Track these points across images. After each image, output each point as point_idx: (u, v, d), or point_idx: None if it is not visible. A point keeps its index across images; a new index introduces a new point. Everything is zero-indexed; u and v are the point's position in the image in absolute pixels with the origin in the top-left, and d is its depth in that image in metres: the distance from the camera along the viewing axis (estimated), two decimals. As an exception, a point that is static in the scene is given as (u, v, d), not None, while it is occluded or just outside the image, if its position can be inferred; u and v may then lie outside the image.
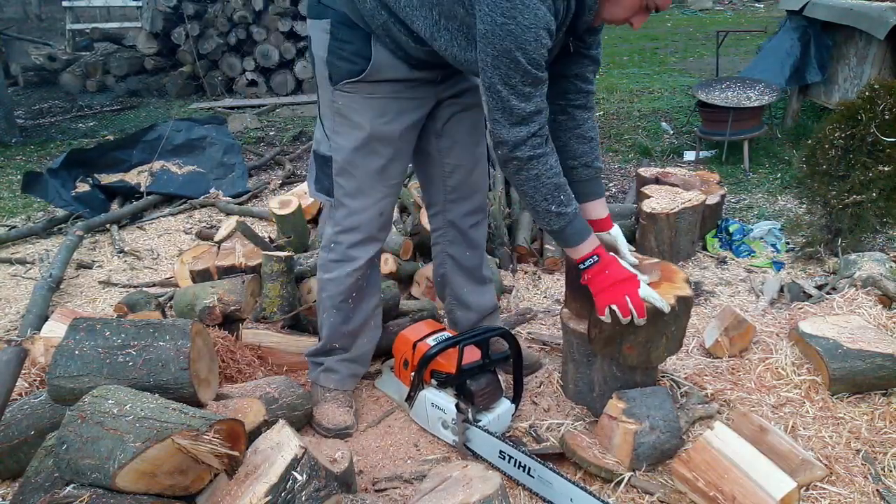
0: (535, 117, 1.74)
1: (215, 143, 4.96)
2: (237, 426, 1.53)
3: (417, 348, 2.11)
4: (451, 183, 2.20)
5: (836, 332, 2.20)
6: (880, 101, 2.95)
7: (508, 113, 1.72)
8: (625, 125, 5.95)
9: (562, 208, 1.81)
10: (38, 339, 2.34)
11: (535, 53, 1.65)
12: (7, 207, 4.53)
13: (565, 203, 1.82)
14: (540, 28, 1.63)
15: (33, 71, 8.96)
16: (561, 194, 1.81)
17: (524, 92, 1.70)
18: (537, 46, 1.64)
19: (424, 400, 2.08)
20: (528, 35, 1.62)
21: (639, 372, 2.07)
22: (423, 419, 2.12)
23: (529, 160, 1.76)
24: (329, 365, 2.22)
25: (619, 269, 1.87)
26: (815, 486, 1.83)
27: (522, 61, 1.65)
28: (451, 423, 2.01)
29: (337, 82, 1.93)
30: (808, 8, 4.93)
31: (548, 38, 1.66)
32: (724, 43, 6.22)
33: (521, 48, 1.63)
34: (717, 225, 3.54)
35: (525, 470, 1.84)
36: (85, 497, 1.40)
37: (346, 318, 2.16)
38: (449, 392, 2.04)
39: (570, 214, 1.83)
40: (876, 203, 2.99)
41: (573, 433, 2.02)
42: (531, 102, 1.72)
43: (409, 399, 2.14)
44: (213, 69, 7.86)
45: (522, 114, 1.72)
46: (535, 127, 1.74)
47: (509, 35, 1.62)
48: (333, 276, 2.12)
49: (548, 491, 1.79)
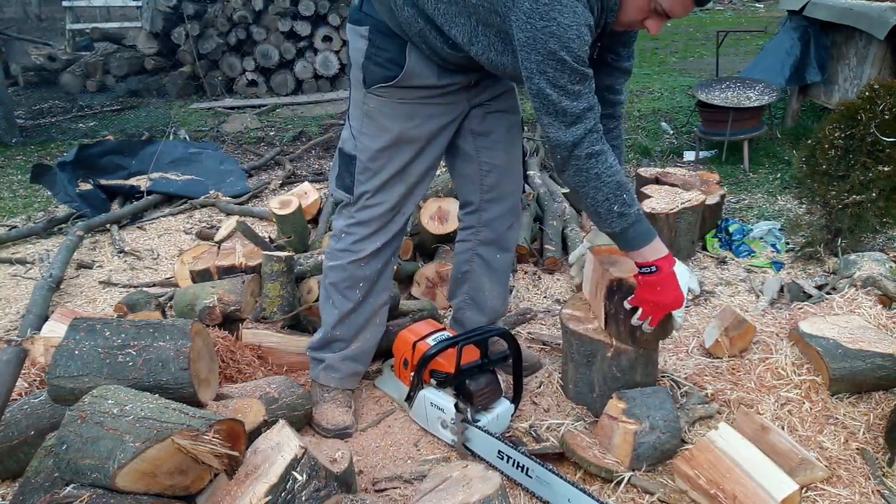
0: (588, 114, 1.73)
1: (211, 157, 5.09)
2: (237, 426, 1.53)
3: (417, 348, 2.11)
4: (487, 182, 2.20)
5: (836, 332, 2.20)
6: (880, 101, 2.94)
7: (562, 115, 1.71)
8: (625, 125, 5.95)
9: (625, 208, 1.78)
10: (38, 339, 2.34)
11: (580, 51, 1.65)
12: (7, 207, 4.53)
13: (628, 203, 1.78)
14: (581, 25, 1.63)
15: (33, 71, 8.95)
16: (624, 193, 1.78)
17: (574, 91, 1.69)
18: (581, 43, 1.64)
19: (424, 399, 2.08)
20: (570, 33, 1.62)
21: (639, 372, 2.07)
22: (423, 419, 2.12)
23: (588, 158, 1.74)
24: (330, 362, 2.22)
25: (672, 290, 1.83)
26: (815, 486, 1.83)
27: (568, 60, 1.64)
28: (450, 422, 2.01)
29: (370, 86, 1.96)
30: (808, 8, 4.93)
31: (588, 35, 1.66)
32: (724, 43, 6.22)
33: (565, 47, 1.63)
34: (717, 225, 3.54)
35: (524, 470, 1.84)
36: (85, 497, 1.40)
37: (351, 308, 2.16)
38: (448, 392, 2.04)
39: (633, 215, 1.79)
40: (876, 203, 2.99)
41: (573, 433, 2.02)
42: (582, 100, 1.71)
43: (408, 399, 2.14)
44: (213, 69, 7.86)
45: (576, 112, 1.71)
46: (590, 123, 1.73)
47: (552, 37, 1.62)
48: (336, 263, 2.14)
49: (546, 491, 1.80)
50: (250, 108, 7.17)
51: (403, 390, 2.18)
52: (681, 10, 1.68)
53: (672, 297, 1.84)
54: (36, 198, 4.70)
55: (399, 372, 2.23)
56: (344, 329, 2.19)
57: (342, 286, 2.15)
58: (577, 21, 1.62)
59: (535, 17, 1.61)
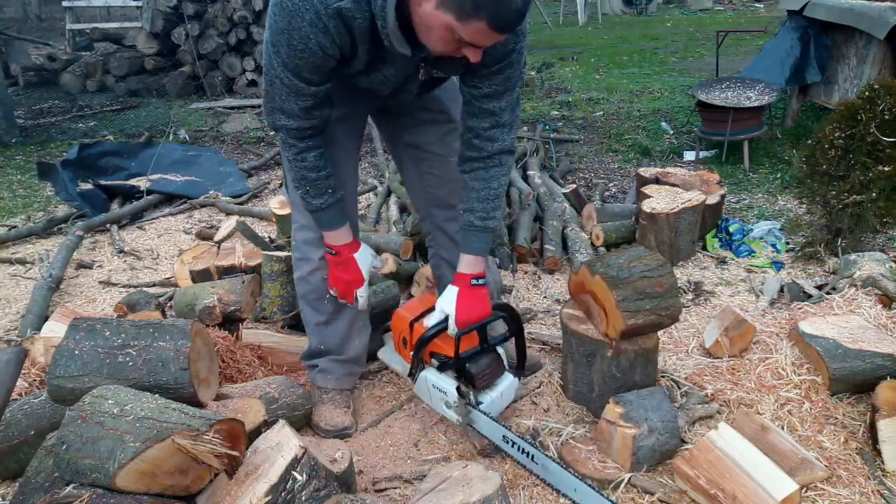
0: (293, 118, 1.77)
1: (211, 158, 5.14)
2: (237, 426, 1.53)
3: (415, 329, 2.04)
4: (430, 191, 2.20)
5: (836, 332, 2.20)
6: (880, 101, 2.94)
7: (270, 97, 1.76)
8: (625, 125, 5.95)
9: (308, 198, 1.92)
10: (38, 339, 2.34)
11: (289, 59, 1.64)
12: (7, 207, 4.53)
13: (311, 195, 1.91)
14: (294, 38, 1.60)
15: (33, 71, 8.96)
16: (308, 186, 1.89)
17: (282, 89, 1.71)
18: (291, 53, 1.63)
19: (425, 380, 2.04)
20: (280, 38, 1.62)
21: (638, 372, 2.07)
22: (427, 397, 2.08)
23: (284, 143, 1.84)
24: (324, 366, 2.22)
25: (348, 269, 2.02)
26: (814, 486, 1.83)
27: (277, 60, 1.66)
28: (453, 403, 1.98)
29: None
30: (808, 8, 4.94)
31: (310, 54, 1.62)
32: (724, 43, 6.23)
33: (275, 46, 1.64)
34: (717, 225, 3.54)
35: (528, 456, 1.85)
36: (85, 497, 1.40)
37: (327, 320, 2.16)
38: (449, 375, 2.00)
39: (314, 205, 1.92)
40: (876, 203, 2.99)
41: (571, 447, 2.00)
42: (288, 102, 1.74)
43: (411, 375, 2.09)
44: (213, 69, 7.86)
45: (280, 105, 1.75)
46: (291, 124, 1.78)
47: (270, 28, 1.64)
48: (299, 274, 2.15)
49: (553, 478, 1.80)
50: (250, 108, 7.17)
51: (406, 364, 2.14)
52: (483, 39, 1.54)
53: (352, 276, 2.03)
54: (35, 198, 4.71)
55: (399, 349, 2.18)
56: (327, 339, 2.19)
57: (310, 298, 2.15)
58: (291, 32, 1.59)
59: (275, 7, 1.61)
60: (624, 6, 15.68)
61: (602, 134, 5.79)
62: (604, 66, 8.96)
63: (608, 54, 9.80)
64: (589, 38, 11.84)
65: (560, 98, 7.17)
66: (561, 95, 7.32)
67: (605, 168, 4.98)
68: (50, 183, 4.71)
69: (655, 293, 2.01)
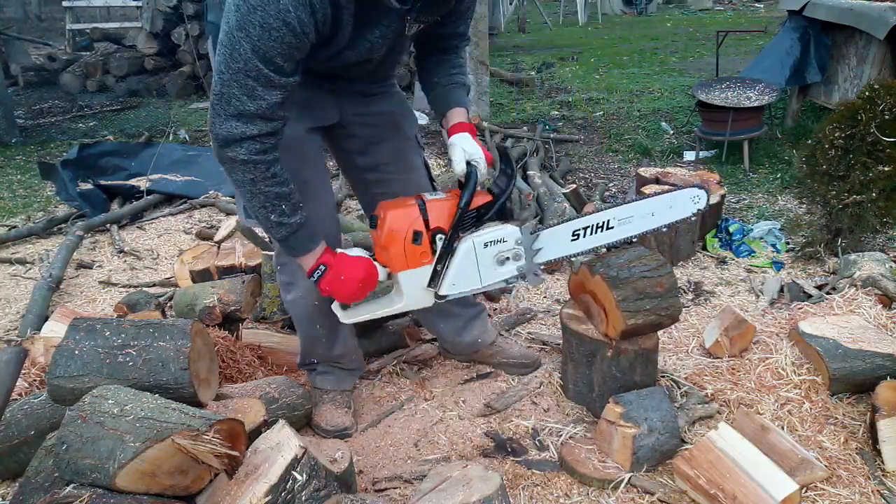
0: (256, 121, 1.56)
1: (210, 159, 5.09)
2: (237, 426, 1.53)
3: (432, 206, 1.83)
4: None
5: (836, 332, 2.20)
6: (880, 101, 2.94)
7: (226, 101, 1.53)
8: (625, 125, 5.95)
9: (283, 218, 1.70)
10: (38, 339, 2.35)
11: (262, 43, 1.46)
12: (7, 207, 4.53)
13: (287, 214, 1.70)
14: (271, 15, 1.44)
15: (33, 71, 8.96)
16: (282, 203, 1.68)
17: (246, 84, 1.51)
18: (263, 35, 1.45)
19: (471, 251, 1.86)
20: (252, 17, 1.44)
21: (638, 372, 2.07)
22: (469, 280, 1.90)
23: (244, 164, 1.60)
24: (323, 367, 2.23)
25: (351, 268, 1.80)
26: (814, 486, 1.83)
27: (245, 46, 1.47)
28: (513, 249, 1.88)
29: None
30: (808, 8, 4.94)
31: (286, 33, 1.47)
32: (724, 43, 6.23)
33: (244, 30, 1.45)
34: (717, 225, 3.54)
35: (603, 227, 1.93)
36: (85, 497, 1.40)
37: (321, 340, 2.15)
38: (493, 223, 1.89)
39: (292, 225, 1.71)
40: (876, 203, 2.99)
41: (570, 447, 2.00)
42: (253, 101, 1.53)
43: (437, 276, 1.87)
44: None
45: (241, 108, 1.54)
46: (254, 130, 1.57)
47: (237, 11, 1.45)
48: (291, 298, 2.09)
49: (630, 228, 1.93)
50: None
51: (416, 281, 1.88)
52: None
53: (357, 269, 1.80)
54: (35, 198, 4.71)
55: (408, 255, 1.84)
56: (324, 353, 2.19)
57: (303, 321, 2.12)
58: (267, 9, 1.43)
59: None
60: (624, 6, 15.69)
61: (602, 134, 5.79)
62: (604, 66, 8.96)
63: (608, 54, 9.81)
64: (589, 38, 11.84)
65: (560, 98, 7.17)
66: (561, 95, 7.32)
67: (605, 168, 4.98)
68: (53, 183, 4.71)
69: (655, 293, 2.01)
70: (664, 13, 15.34)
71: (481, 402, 2.28)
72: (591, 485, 1.89)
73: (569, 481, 1.91)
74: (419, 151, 2.16)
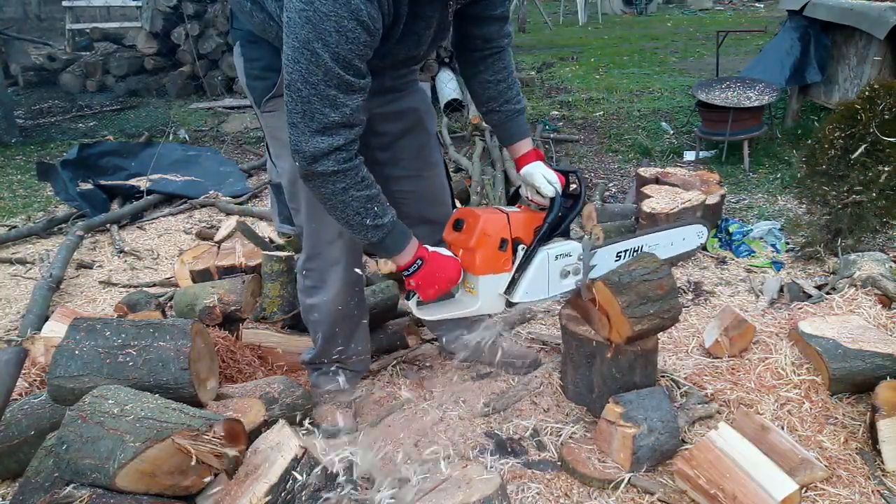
0: (341, 130, 1.55)
1: (211, 158, 5.13)
2: (237, 426, 1.54)
3: (516, 220, 1.95)
4: (405, 209, 2.11)
5: (836, 332, 2.20)
6: (880, 101, 2.94)
7: (309, 118, 1.52)
8: (625, 125, 5.95)
9: (377, 220, 1.69)
10: (38, 339, 2.35)
11: (340, 48, 1.45)
12: (7, 207, 4.53)
13: (380, 214, 1.69)
14: (346, 17, 1.42)
15: (33, 71, 8.96)
16: (374, 205, 1.67)
17: (328, 95, 1.50)
18: (341, 40, 1.44)
19: (545, 261, 1.97)
20: (327, 24, 1.43)
21: (638, 372, 2.07)
22: (539, 289, 2.00)
23: (334, 174, 1.59)
24: (327, 368, 2.23)
25: (445, 266, 1.85)
26: (814, 486, 1.83)
27: (324, 56, 1.45)
28: (574, 263, 2.02)
29: (259, 103, 1.86)
30: (808, 8, 4.94)
31: (361, 32, 1.46)
32: (724, 43, 6.22)
33: (320, 39, 1.44)
34: (717, 225, 3.54)
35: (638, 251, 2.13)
36: (85, 497, 1.40)
37: (338, 342, 2.15)
38: (559, 239, 2.01)
39: (387, 225, 1.71)
40: (876, 203, 2.99)
41: (571, 447, 2.00)
42: (337, 111, 1.52)
43: (513, 283, 1.97)
44: (213, 69, 7.86)
45: (325, 122, 1.52)
46: (339, 140, 1.56)
47: (308, 23, 1.43)
48: (315, 301, 2.08)
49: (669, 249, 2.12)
50: (250, 109, 7.16)
51: (494, 286, 1.96)
52: None
53: (449, 268, 1.85)
54: (36, 198, 4.71)
55: (492, 260, 1.94)
56: (337, 354, 2.19)
57: (325, 323, 2.10)
58: (340, 13, 1.42)
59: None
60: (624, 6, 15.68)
61: (602, 134, 5.79)
62: (604, 66, 8.96)
63: (608, 54, 9.80)
64: (589, 38, 11.84)
65: (560, 98, 7.17)
66: (561, 95, 7.32)
67: (605, 168, 4.98)
68: (50, 183, 4.71)
69: (657, 296, 2.00)
70: (664, 13, 15.33)
71: (481, 402, 2.28)
72: (591, 485, 1.89)
73: (569, 481, 1.91)
74: (439, 149, 2.19)
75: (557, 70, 8.85)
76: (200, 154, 5.16)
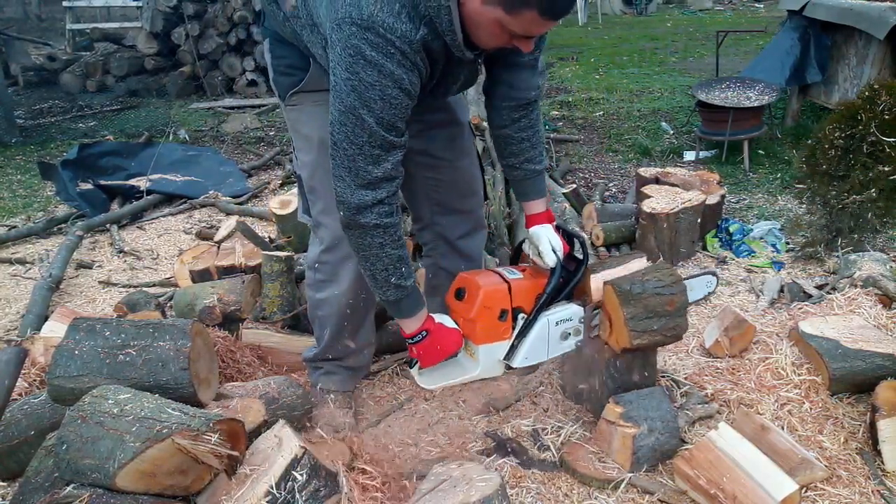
0: (383, 184, 1.64)
1: (211, 158, 5.12)
2: (237, 426, 1.54)
3: (517, 289, 1.97)
4: (435, 198, 2.15)
5: (836, 332, 2.20)
6: (880, 101, 2.94)
7: (354, 174, 1.62)
8: (625, 125, 5.95)
9: (402, 281, 1.75)
10: (38, 339, 2.35)
11: (385, 113, 1.56)
12: (7, 207, 4.53)
13: (406, 276, 1.75)
14: (389, 86, 1.53)
15: (33, 71, 8.96)
16: (403, 266, 1.73)
17: (372, 154, 1.60)
18: (385, 106, 1.55)
19: (545, 327, 1.99)
20: (371, 93, 1.53)
21: (637, 373, 2.07)
22: (538, 353, 2.03)
23: (375, 228, 1.67)
24: (328, 368, 2.23)
25: (447, 339, 1.89)
26: (814, 486, 1.83)
27: (369, 121, 1.56)
28: (575, 326, 2.03)
29: (283, 97, 1.94)
30: (808, 8, 4.94)
31: (403, 98, 1.57)
32: (724, 43, 6.23)
33: (366, 106, 1.54)
34: (717, 225, 3.54)
35: None
36: (85, 497, 1.40)
37: (345, 336, 2.15)
38: (561, 304, 2.03)
39: (408, 288, 1.77)
40: (876, 203, 2.99)
41: (570, 447, 2.00)
42: (380, 167, 1.62)
43: (512, 350, 2.00)
44: (213, 69, 7.87)
45: (369, 178, 1.62)
46: (382, 194, 1.64)
47: (353, 92, 1.54)
48: (325, 296, 2.09)
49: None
50: (250, 108, 7.17)
51: (478, 361, 2.00)
52: (535, 29, 1.54)
53: (451, 342, 1.90)
54: (35, 198, 4.71)
55: (492, 330, 1.98)
56: (339, 352, 2.18)
57: (333, 317, 2.10)
58: (383, 82, 1.52)
59: (340, 65, 1.54)
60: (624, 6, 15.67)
61: (602, 134, 5.79)
62: (604, 66, 8.96)
63: (608, 54, 9.81)
64: (589, 38, 11.84)
65: (560, 98, 7.17)
66: (561, 95, 7.32)
67: (605, 168, 4.98)
68: (53, 183, 4.72)
69: (664, 311, 1.95)
70: (664, 13, 15.33)
71: (481, 402, 2.28)
72: (591, 485, 1.89)
73: (569, 481, 1.91)
74: (472, 138, 2.20)
75: (557, 70, 8.85)
76: (200, 154, 5.17)
